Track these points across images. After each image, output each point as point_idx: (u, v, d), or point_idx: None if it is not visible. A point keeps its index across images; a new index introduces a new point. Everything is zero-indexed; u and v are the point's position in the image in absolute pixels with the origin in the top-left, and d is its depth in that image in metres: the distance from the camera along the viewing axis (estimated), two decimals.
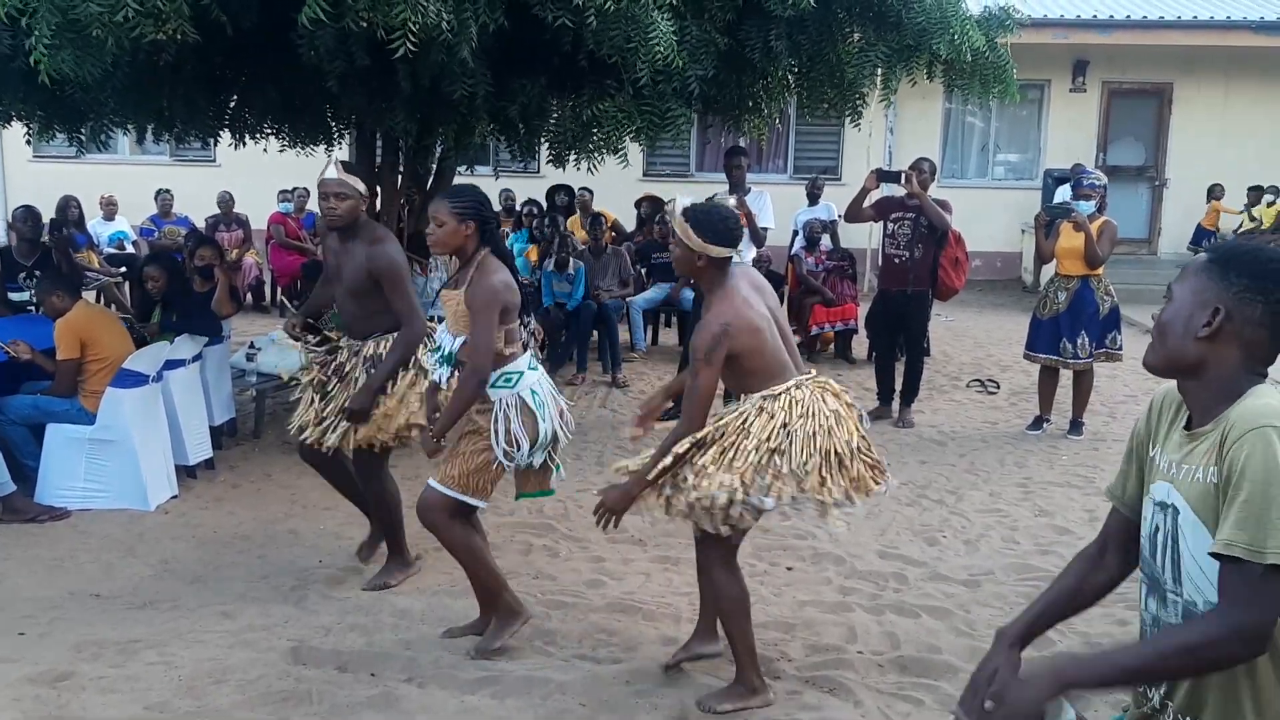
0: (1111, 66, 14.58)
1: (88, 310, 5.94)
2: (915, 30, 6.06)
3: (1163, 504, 1.99)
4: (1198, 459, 1.91)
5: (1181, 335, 1.97)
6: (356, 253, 4.41)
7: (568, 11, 4.64)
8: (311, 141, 7.52)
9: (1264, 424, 1.81)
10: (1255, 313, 1.91)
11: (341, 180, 4.36)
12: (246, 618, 4.27)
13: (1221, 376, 1.93)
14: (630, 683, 3.77)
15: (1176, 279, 2.05)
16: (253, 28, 4.74)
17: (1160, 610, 2.01)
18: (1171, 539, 1.97)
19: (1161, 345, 2.01)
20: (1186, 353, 1.97)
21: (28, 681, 3.69)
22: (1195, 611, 1.92)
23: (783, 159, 15.26)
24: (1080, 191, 7.24)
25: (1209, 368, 1.94)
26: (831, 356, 9.89)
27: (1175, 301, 2.00)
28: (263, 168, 10.64)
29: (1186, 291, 1.99)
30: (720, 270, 3.54)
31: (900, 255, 7.36)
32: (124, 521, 5.42)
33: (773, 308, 3.65)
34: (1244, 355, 1.93)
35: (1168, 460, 2.00)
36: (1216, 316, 1.92)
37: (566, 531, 5.34)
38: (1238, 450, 1.82)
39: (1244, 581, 1.79)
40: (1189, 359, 1.97)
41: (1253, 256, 1.95)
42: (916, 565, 4.97)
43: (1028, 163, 15.21)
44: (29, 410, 5.66)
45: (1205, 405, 1.93)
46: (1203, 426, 1.93)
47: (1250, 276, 1.92)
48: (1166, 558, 1.99)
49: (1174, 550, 1.96)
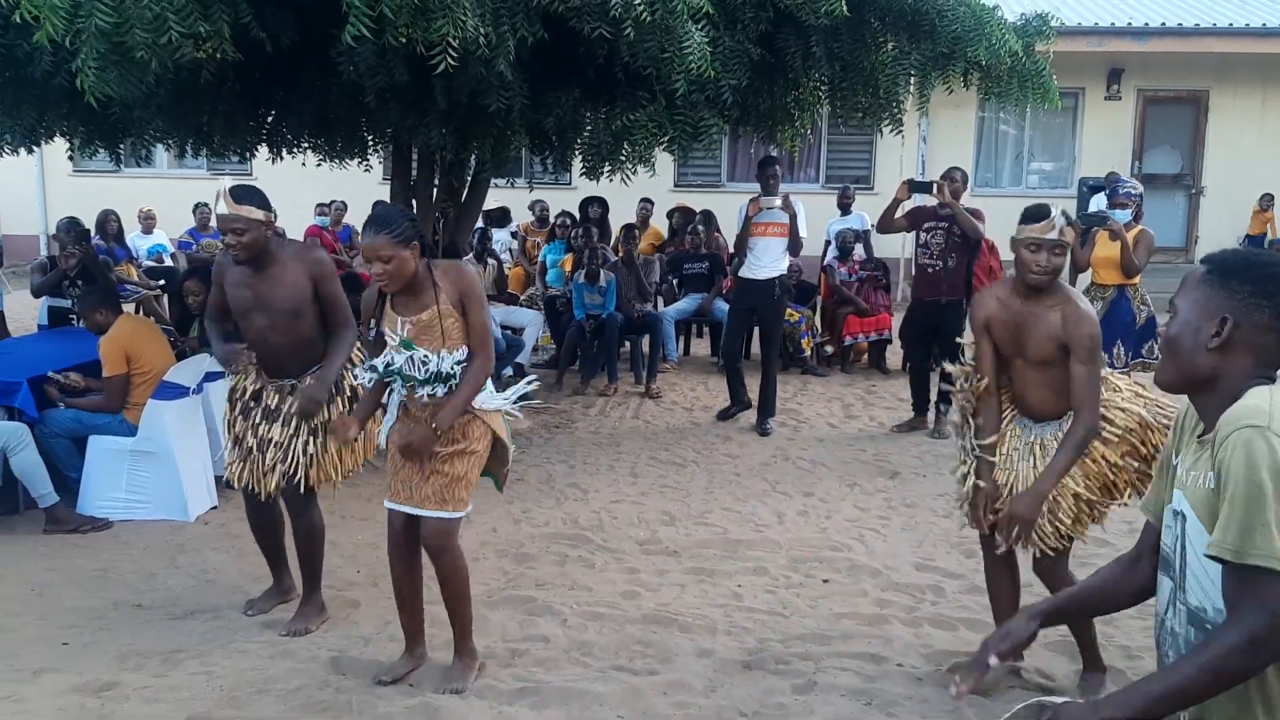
0: (1147, 74, 14.47)
1: (132, 323, 6.02)
2: (950, 38, 6.05)
3: (1176, 511, 2.00)
4: (1202, 465, 1.93)
5: (1191, 349, 1.97)
6: (283, 272, 4.15)
7: (605, 22, 4.67)
8: (347, 155, 7.60)
9: (1245, 424, 1.81)
10: (1263, 318, 1.91)
11: (235, 215, 4.02)
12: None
13: (1234, 385, 1.93)
14: (668, 694, 3.77)
15: (1178, 293, 2.05)
16: (292, 45, 4.80)
17: (1172, 618, 2.01)
18: (1181, 545, 1.98)
19: (1172, 361, 2.01)
20: (1198, 365, 1.97)
21: (73, 691, 3.74)
22: (1203, 618, 1.93)
23: (815, 168, 15.23)
24: (1116, 200, 7.19)
25: (1222, 378, 1.95)
26: (865, 367, 9.86)
27: (1180, 316, 2.00)
28: (298, 181, 10.76)
29: (1190, 304, 1.99)
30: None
31: (934, 265, 7.33)
32: (165, 532, 5.48)
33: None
34: (1254, 361, 1.94)
35: (1183, 469, 2.01)
36: (1225, 326, 1.92)
37: (601, 542, 5.35)
38: (1224, 453, 1.83)
39: (1239, 584, 1.80)
40: (1201, 371, 1.97)
41: (1251, 263, 1.96)
42: (954, 577, 4.94)
43: (1062, 171, 15.11)
44: (71, 423, 5.74)
45: (1216, 413, 1.93)
46: (1209, 433, 1.94)
47: (1253, 282, 1.92)
48: (1176, 564, 1.99)
49: (1182, 556, 1.97)
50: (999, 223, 7.39)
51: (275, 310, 4.17)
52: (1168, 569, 2.04)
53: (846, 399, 8.63)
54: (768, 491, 6.24)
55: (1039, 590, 3.92)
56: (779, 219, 7.39)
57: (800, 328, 9.60)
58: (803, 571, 5.00)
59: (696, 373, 9.63)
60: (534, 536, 5.41)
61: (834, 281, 10.03)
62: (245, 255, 4.08)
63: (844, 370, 9.72)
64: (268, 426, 4.26)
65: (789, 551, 5.25)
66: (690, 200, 12.58)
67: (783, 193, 7.43)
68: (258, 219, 4.06)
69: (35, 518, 5.56)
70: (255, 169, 13.39)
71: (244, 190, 4.09)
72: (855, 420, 8.00)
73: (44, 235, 15.87)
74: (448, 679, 3.81)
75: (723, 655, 4.08)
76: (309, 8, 4.63)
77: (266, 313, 4.18)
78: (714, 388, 8.99)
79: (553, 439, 7.38)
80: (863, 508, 5.96)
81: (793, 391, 8.82)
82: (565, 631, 4.29)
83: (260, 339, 4.24)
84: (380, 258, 3.50)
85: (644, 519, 5.72)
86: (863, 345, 9.90)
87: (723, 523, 5.67)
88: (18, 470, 5.44)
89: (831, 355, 9.90)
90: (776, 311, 7.67)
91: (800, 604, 4.61)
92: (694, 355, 10.47)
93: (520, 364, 8.63)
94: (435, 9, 4.16)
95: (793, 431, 7.62)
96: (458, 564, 3.80)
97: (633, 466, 6.72)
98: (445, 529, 3.73)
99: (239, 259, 4.11)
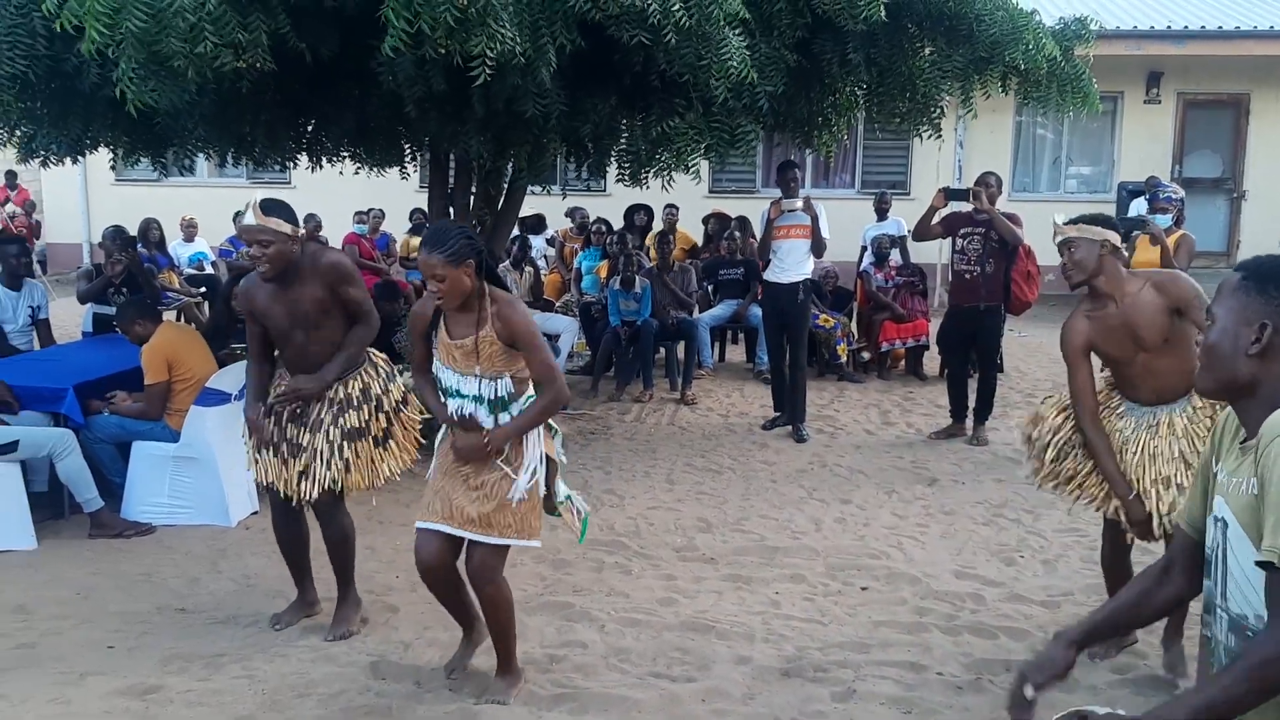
0: (1187, 77, 14.32)
1: (173, 331, 6.10)
2: (988, 42, 6.03)
3: (1216, 518, 1.99)
4: (1244, 472, 1.92)
5: (1230, 356, 1.97)
6: (305, 283, 4.10)
7: (643, 29, 4.69)
8: (386, 164, 7.66)
9: None
10: None
11: (261, 226, 3.97)
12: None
13: (1274, 391, 1.92)
14: (706, 701, 3.77)
15: (1214, 300, 2.04)
16: (332, 56, 4.85)
17: (1213, 626, 2.00)
18: (1222, 552, 1.97)
19: (1211, 368, 2.01)
20: (1238, 372, 1.97)
21: (118, 694, 3.79)
22: (1244, 624, 1.92)
23: (850, 173, 15.19)
24: (1157, 205, 7.13)
25: (1262, 384, 1.95)
26: (902, 373, 9.80)
27: (1219, 323, 2.00)
28: (336, 189, 10.86)
29: (1228, 311, 1.99)
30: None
31: (971, 271, 7.29)
32: (206, 537, 5.54)
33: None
34: None
35: (1225, 475, 2.00)
36: (1265, 332, 1.92)
37: (638, 549, 5.35)
38: (1268, 458, 1.82)
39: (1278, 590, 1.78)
40: (1241, 378, 1.97)
41: None
42: (994, 585, 4.90)
43: (1101, 176, 14.97)
44: (115, 429, 5.82)
45: (1258, 419, 1.93)
46: (1252, 439, 1.93)
47: None
48: (1217, 571, 1.98)
49: (1224, 563, 1.96)
50: (1037, 227, 7.35)
51: (308, 325, 4.15)
52: (1209, 575, 2.03)
53: (884, 405, 8.59)
54: (805, 498, 6.22)
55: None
56: (801, 221, 7.40)
57: (836, 334, 9.57)
58: (841, 579, 4.98)
59: (732, 379, 9.62)
60: (570, 543, 5.40)
61: (870, 287, 9.98)
62: (271, 270, 4.03)
63: (881, 377, 9.68)
64: (296, 430, 4.23)
65: (827, 559, 5.23)
66: (725, 206, 12.58)
67: (803, 195, 7.45)
68: (284, 233, 4.00)
69: (80, 522, 5.64)
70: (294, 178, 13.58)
71: (273, 203, 4.05)
72: (893, 427, 7.96)
73: (87, 244, 16.09)
74: (492, 690, 3.79)
75: (761, 663, 4.08)
76: (349, 20, 4.68)
77: (302, 328, 4.15)
78: (749, 394, 8.98)
79: (588, 445, 7.39)
80: (901, 515, 5.93)
81: (829, 398, 8.79)
82: (603, 638, 4.30)
83: (300, 354, 4.21)
84: (435, 275, 3.46)
85: (680, 525, 5.72)
86: (900, 351, 9.85)
87: (760, 530, 5.66)
88: (63, 475, 5.52)
89: (868, 361, 9.86)
90: (802, 315, 7.67)
91: (838, 612, 4.60)
92: (729, 361, 10.46)
93: None
94: (473, 22, 4.20)
95: (829, 438, 7.60)
96: (502, 595, 3.70)
97: (669, 473, 6.72)
98: (490, 563, 3.63)
99: (265, 275, 4.06)
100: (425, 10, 4.09)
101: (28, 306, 7.43)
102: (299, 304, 4.12)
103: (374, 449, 4.26)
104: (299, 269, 4.10)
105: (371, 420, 4.25)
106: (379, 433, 4.27)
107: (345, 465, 4.20)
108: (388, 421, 4.30)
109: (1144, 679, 3.90)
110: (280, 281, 4.10)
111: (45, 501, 5.76)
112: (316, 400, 4.21)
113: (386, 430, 4.29)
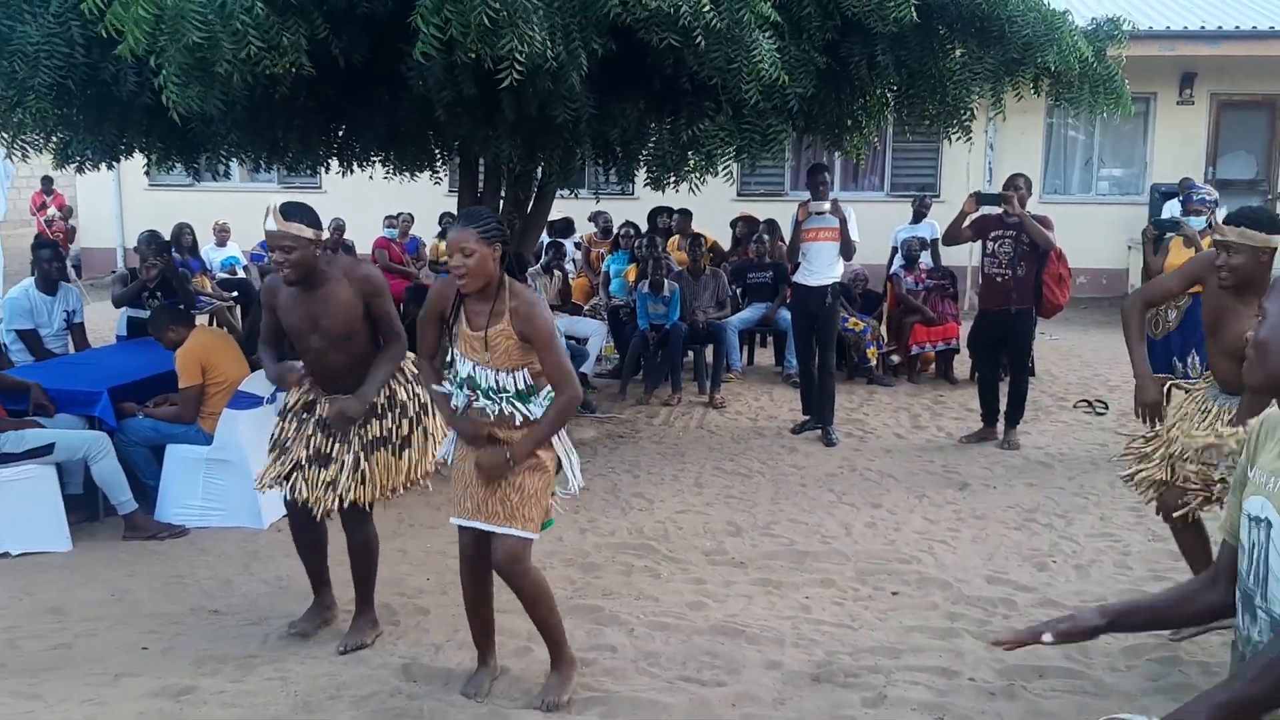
0: (1221, 78, 14.16)
1: (206, 335, 6.16)
2: (1020, 44, 5.99)
3: (1256, 518, 1.97)
4: None
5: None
6: (334, 292, 4.05)
7: (674, 32, 4.69)
8: (416, 169, 7.70)
9: None
10: None
11: (284, 232, 3.89)
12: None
13: None
14: (736, 706, 3.76)
15: (1268, 296, 2.03)
16: (364, 61, 4.88)
17: (1250, 627, 1.98)
18: (1263, 552, 1.95)
19: (1262, 364, 2.00)
20: None
21: (152, 695, 3.83)
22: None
23: (879, 176, 15.12)
24: (1191, 207, 7.07)
25: None
26: (933, 377, 9.74)
27: (1272, 318, 1.99)
28: (366, 193, 10.93)
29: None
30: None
31: (1002, 274, 7.23)
32: (239, 539, 5.59)
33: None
34: None
35: (1264, 475, 1.98)
36: None
37: (667, 553, 5.35)
38: None
39: None
40: None
41: None
42: (1026, 591, 4.86)
43: (1133, 177, 14.83)
44: (149, 432, 5.88)
45: None
46: None
47: None
48: (1256, 571, 1.96)
49: (1264, 563, 1.94)
50: (1068, 230, 7.30)
51: (329, 331, 4.08)
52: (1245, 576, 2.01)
53: (914, 409, 8.55)
54: (834, 503, 6.20)
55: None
56: (829, 223, 7.38)
57: (865, 337, 9.53)
58: (871, 584, 4.95)
59: (761, 382, 9.60)
60: (600, 546, 5.42)
61: (900, 290, 9.93)
62: (294, 274, 3.96)
63: (911, 380, 9.62)
64: (322, 439, 4.18)
65: (857, 563, 5.21)
66: (754, 209, 12.56)
67: (831, 198, 7.43)
68: (306, 237, 3.93)
69: (115, 524, 5.71)
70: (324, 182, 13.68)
71: (293, 207, 3.97)
72: (923, 431, 7.91)
73: (121, 248, 16.27)
74: (545, 692, 3.76)
75: (791, 667, 4.06)
76: (381, 25, 4.71)
77: (321, 334, 4.09)
78: (778, 398, 8.95)
79: (617, 449, 7.40)
80: (932, 519, 5.89)
81: (859, 402, 8.75)
82: (632, 641, 4.30)
83: (317, 360, 4.16)
84: (463, 250, 3.45)
85: (710, 529, 5.71)
86: (930, 355, 9.78)
87: (789, 534, 5.64)
88: (98, 478, 5.58)
89: (898, 365, 9.81)
90: (831, 318, 7.64)
91: (869, 616, 4.57)
92: (758, 365, 10.43)
93: (584, 374, 8.66)
94: (503, 26, 4.21)
95: (859, 442, 7.57)
96: (537, 587, 3.72)
97: (697, 477, 6.71)
98: (517, 552, 3.64)
99: (288, 279, 3.99)
100: (455, 16, 4.11)
101: (63, 310, 7.53)
102: (320, 310, 4.06)
103: (396, 456, 4.21)
104: (323, 275, 4.04)
105: (395, 427, 4.21)
106: (400, 439, 4.21)
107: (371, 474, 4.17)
108: (409, 428, 4.24)
109: (1179, 685, 3.86)
110: (303, 286, 4.04)
111: (80, 504, 5.84)
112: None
113: (408, 437, 4.23)
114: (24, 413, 5.70)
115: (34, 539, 5.39)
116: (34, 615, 4.61)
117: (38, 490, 5.42)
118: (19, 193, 16.19)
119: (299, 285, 4.03)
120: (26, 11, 4.76)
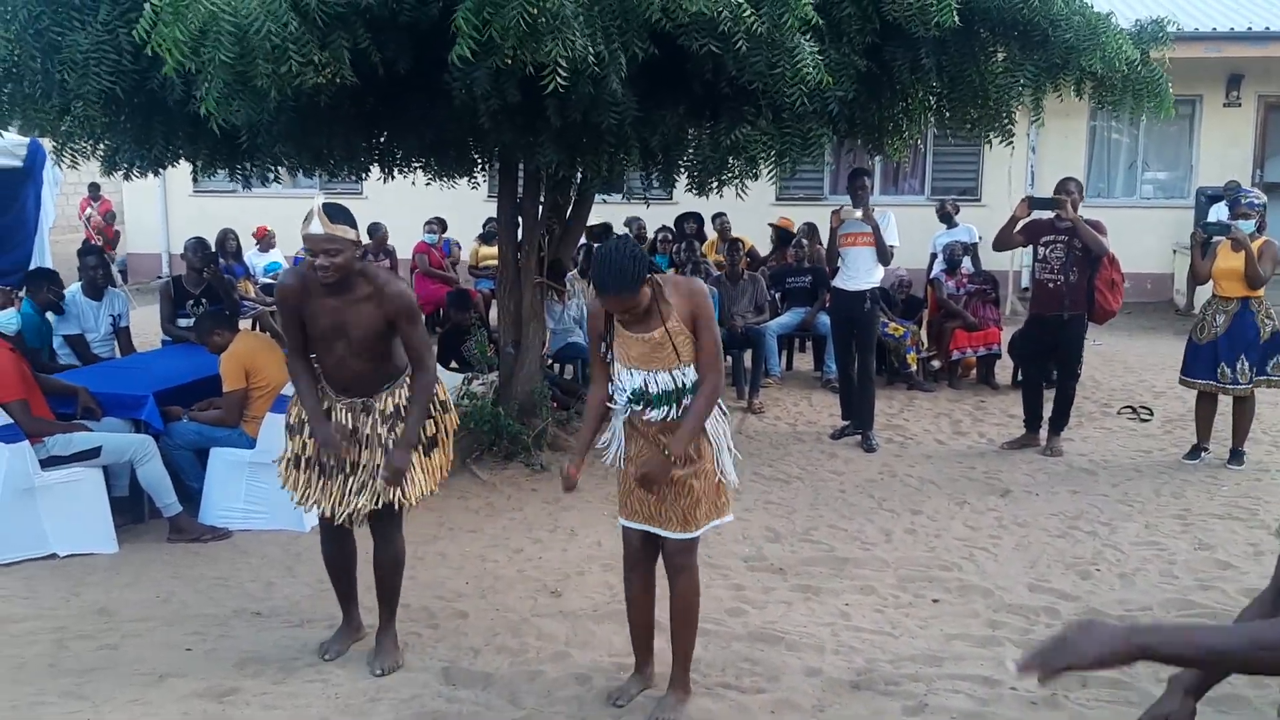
0: (1268, 79, 13.95)
1: (250, 340, 6.23)
2: (1063, 47, 5.92)
3: None
4: None
5: None
6: (363, 303, 3.91)
7: (714, 38, 4.69)
8: (456, 175, 7.74)
9: None
10: None
11: (330, 235, 3.77)
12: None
13: None
14: (775, 713, 3.75)
15: None
16: (407, 70, 4.92)
17: None
18: None
19: None
20: None
21: (195, 696, 3.88)
22: None
23: (919, 179, 15.03)
24: (1239, 210, 6.95)
25: None
26: (974, 382, 9.66)
27: None
28: (407, 199, 11.02)
29: None
30: None
31: (1055, 280, 7.16)
32: (282, 542, 5.64)
33: None
34: None
35: None
36: None
37: (706, 558, 5.31)
38: None
39: None
40: None
41: None
42: (1069, 599, 4.81)
43: (1178, 180, 14.64)
44: (193, 435, 5.96)
45: None
46: None
47: None
48: None
49: None
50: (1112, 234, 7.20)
51: (356, 340, 3.95)
52: None
53: (955, 415, 8.48)
54: (874, 509, 6.16)
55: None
56: (865, 229, 7.34)
57: (906, 342, 9.46)
58: (912, 591, 4.92)
59: (800, 388, 9.56)
60: None
61: (941, 295, 9.86)
62: (337, 277, 3.83)
63: (951, 385, 9.54)
64: (352, 447, 4.06)
65: (897, 570, 5.17)
66: (793, 213, 12.53)
67: (863, 206, 7.37)
68: (351, 239, 3.85)
69: (159, 527, 5.79)
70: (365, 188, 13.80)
71: (336, 209, 3.85)
72: (964, 437, 7.85)
73: (166, 254, 16.49)
74: (660, 708, 3.73)
75: (831, 675, 4.04)
76: (424, 34, 4.74)
77: (348, 340, 3.95)
78: (817, 403, 8.91)
79: None
80: (973, 526, 5.84)
81: (899, 407, 8.69)
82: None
83: (338, 365, 4.02)
84: (629, 310, 3.47)
85: (749, 535, 5.69)
86: (971, 360, 9.70)
87: (829, 540, 5.62)
88: (144, 481, 5.66)
89: (939, 370, 9.74)
90: (869, 323, 7.60)
91: (909, 624, 4.54)
92: (797, 370, 10.40)
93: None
94: (544, 30, 4.23)
95: (899, 448, 7.52)
96: (696, 582, 3.78)
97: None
98: (688, 546, 3.70)
99: (328, 280, 3.83)
100: (495, 19, 4.13)
101: (109, 315, 7.64)
102: (351, 319, 3.92)
103: (425, 456, 4.12)
104: (355, 281, 3.91)
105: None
106: (427, 438, 4.12)
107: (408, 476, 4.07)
108: (434, 428, 4.15)
109: (1226, 696, 3.79)
110: (338, 289, 3.90)
111: (126, 506, 5.93)
112: (365, 413, 4.05)
113: (434, 437, 4.15)
114: (72, 416, 5.81)
115: (81, 541, 5.48)
116: (82, 616, 4.69)
117: (85, 493, 5.51)
118: (67, 199, 16.43)
119: (334, 289, 3.89)
120: (76, 20, 4.84)
